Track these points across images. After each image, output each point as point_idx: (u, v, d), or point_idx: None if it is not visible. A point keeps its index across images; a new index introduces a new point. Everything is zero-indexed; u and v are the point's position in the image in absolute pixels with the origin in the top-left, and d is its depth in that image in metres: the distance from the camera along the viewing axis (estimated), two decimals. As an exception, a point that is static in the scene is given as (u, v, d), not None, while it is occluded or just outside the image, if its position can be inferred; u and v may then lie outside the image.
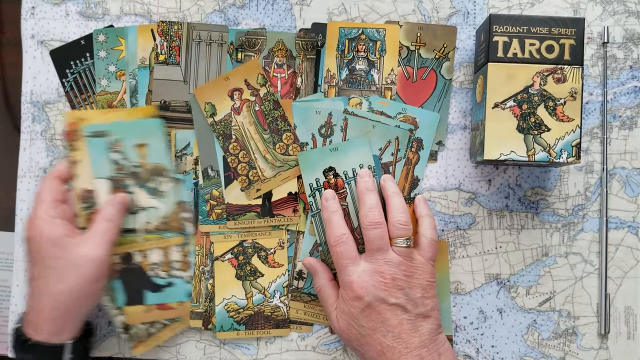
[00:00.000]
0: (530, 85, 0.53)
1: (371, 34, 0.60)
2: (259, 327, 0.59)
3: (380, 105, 0.59)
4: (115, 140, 0.57)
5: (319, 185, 0.57)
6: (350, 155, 0.57)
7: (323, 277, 0.56)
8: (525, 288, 0.60)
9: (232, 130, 0.59)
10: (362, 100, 0.59)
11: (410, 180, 0.59)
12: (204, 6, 0.61)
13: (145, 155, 0.58)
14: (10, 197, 0.61)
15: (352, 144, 0.58)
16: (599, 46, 0.60)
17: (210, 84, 0.60)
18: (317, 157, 0.58)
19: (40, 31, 0.61)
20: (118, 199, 0.56)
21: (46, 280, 0.51)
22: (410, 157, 0.59)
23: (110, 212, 0.55)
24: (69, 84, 0.61)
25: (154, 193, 0.58)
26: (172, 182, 0.58)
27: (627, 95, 0.60)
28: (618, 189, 0.60)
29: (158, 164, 0.58)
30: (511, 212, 0.60)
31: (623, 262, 0.60)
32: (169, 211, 0.58)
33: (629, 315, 0.59)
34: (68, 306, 0.51)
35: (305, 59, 0.60)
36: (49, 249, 0.51)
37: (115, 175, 0.57)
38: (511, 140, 0.53)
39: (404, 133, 0.58)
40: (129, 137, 0.57)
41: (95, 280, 0.52)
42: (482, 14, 0.61)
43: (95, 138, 0.57)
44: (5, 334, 0.61)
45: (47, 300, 0.51)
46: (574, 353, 0.59)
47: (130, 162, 0.57)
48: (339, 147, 0.57)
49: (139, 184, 0.57)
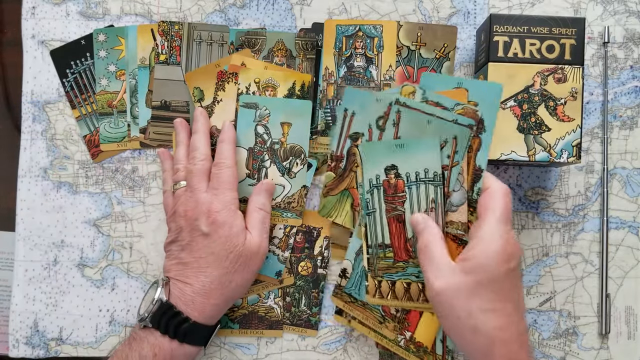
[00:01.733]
0: (531, 85, 0.53)
1: (368, 30, 0.60)
2: (253, 327, 0.59)
3: (436, 95, 0.52)
4: (264, 114, 0.57)
5: (379, 183, 0.53)
6: (416, 157, 0.52)
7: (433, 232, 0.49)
8: (526, 288, 0.60)
9: None
10: (415, 88, 0.53)
11: (471, 172, 0.51)
12: (205, 6, 0.61)
13: (287, 134, 0.58)
14: (11, 197, 0.61)
15: (420, 143, 0.52)
16: (599, 46, 0.60)
17: (200, 69, 0.59)
18: (382, 151, 0.53)
19: (41, 31, 0.61)
20: (265, 186, 0.57)
21: (230, 278, 0.53)
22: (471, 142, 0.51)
23: (261, 202, 0.56)
24: (69, 84, 0.61)
25: (286, 172, 0.58)
26: (304, 165, 0.58)
27: (627, 95, 0.60)
28: (618, 189, 0.60)
29: (297, 144, 0.58)
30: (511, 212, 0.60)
31: (623, 262, 0.60)
32: (294, 192, 0.58)
33: (629, 315, 0.59)
34: (235, 297, 0.55)
35: (305, 58, 0.60)
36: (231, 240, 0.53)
37: (255, 147, 0.57)
38: (512, 140, 0.53)
39: (463, 131, 0.51)
40: (278, 114, 0.57)
41: (257, 270, 0.55)
42: (483, 14, 0.60)
43: (247, 109, 0.57)
44: (6, 334, 0.61)
45: (222, 292, 0.53)
46: (575, 353, 0.59)
47: (273, 139, 0.57)
48: (405, 144, 0.52)
49: (274, 161, 0.57)
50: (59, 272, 0.60)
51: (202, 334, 0.54)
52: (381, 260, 0.54)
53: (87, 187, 0.61)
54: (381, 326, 0.56)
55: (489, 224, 0.46)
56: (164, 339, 0.52)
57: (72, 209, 0.60)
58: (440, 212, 0.51)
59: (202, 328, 0.53)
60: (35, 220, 0.60)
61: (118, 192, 0.60)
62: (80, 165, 0.61)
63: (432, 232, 0.49)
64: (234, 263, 0.53)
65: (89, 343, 0.60)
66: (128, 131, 0.60)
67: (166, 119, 0.60)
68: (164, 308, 0.52)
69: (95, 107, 0.61)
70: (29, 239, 0.60)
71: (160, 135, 0.60)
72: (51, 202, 0.60)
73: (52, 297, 0.60)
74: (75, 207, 0.60)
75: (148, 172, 0.60)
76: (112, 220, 0.60)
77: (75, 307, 0.60)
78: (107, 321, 0.60)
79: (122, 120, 0.61)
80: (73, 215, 0.60)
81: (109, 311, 0.60)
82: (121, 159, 0.61)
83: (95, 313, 0.60)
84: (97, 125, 0.61)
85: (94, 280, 0.60)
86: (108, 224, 0.61)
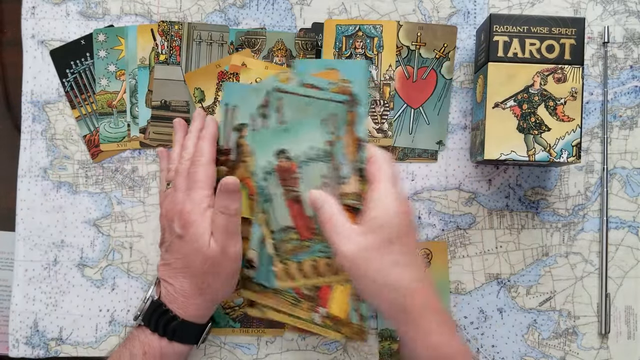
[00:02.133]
0: (531, 85, 0.53)
1: (368, 30, 0.60)
2: (254, 326, 0.59)
3: (311, 78, 0.54)
4: None
5: (272, 168, 0.54)
6: (302, 138, 0.53)
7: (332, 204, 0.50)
8: (526, 288, 0.60)
9: None
10: (291, 74, 0.55)
11: (354, 144, 0.53)
12: (204, 6, 0.61)
13: None
14: (11, 197, 0.61)
15: (303, 124, 0.54)
16: (599, 46, 0.60)
17: (201, 70, 0.59)
18: (269, 137, 0.54)
19: (41, 31, 0.61)
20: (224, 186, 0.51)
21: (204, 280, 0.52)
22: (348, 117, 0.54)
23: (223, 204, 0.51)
24: (69, 84, 0.61)
25: None
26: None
27: (627, 95, 0.60)
28: (618, 189, 0.60)
29: None
30: (511, 212, 0.60)
31: (623, 261, 0.60)
32: None
33: (629, 315, 0.59)
34: (217, 299, 0.54)
35: (305, 58, 0.60)
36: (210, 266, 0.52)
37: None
38: (511, 140, 0.53)
39: (339, 107, 0.53)
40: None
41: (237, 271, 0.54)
42: (483, 14, 0.60)
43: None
44: (6, 334, 0.61)
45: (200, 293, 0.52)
46: (574, 353, 0.59)
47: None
48: (290, 127, 0.54)
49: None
50: (59, 272, 0.60)
51: (192, 332, 0.54)
52: (287, 243, 0.55)
53: (87, 187, 0.61)
54: (296, 308, 0.56)
55: (383, 188, 0.49)
56: (154, 337, 0.52)
57: (72, 209, 0.60)
58: (332, 186, 0.53)
59: (191, 326, 0.53)
60: (35, 220, 0.60)
61: (118, 192, 0.60)
62: (80, 165, 0.61)
63: (331, 205, 0.50)
64: (202, 265, 0.52)
65: (89, 343, 0.60)
66: (128, 131, 0.60)
67: (166, 119, 0.60)
68: (154, 306, 0.53)
69: (95, 107, 0.61)
70: (29, 239, 0.60)
71: (160, 135, 0.60)
72: (51, 202, 0.60)
73: (52, 297, 0.60)
74: (75, 207, 0.60)
75: (148, 172, 0.60)
76: (112, 220, 0.60)
77: (75, 307, 0.60)
78: (107, 321, 0.60)
79: (122, 120, 0.61)
80: (73, 215, 0.60)
81: (109, 311, 0.60)
82: (121, 159, 0.61)
83: (95, 313, 0.60)
84: (97, 125, 0.61)
85: (94, 280, 0.60)
86: (108, 224, 0.61)
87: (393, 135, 0.60)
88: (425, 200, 0.60)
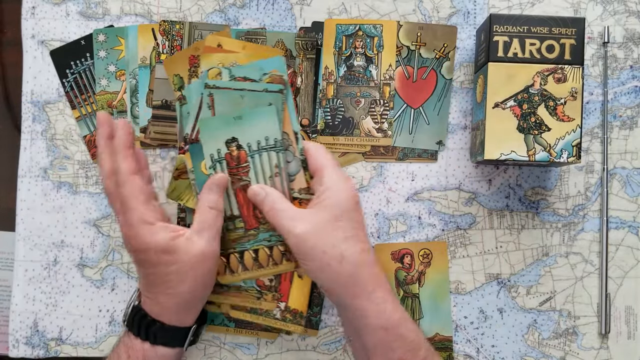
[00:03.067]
0: (531, 85, 0.53)
1: (368, 30, 0.60)
2: (248, 327, 0.59)
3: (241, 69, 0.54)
4: None
5: (221, 157, 0.53)
6: (255, 126, 0.53)
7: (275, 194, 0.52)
8: (526, 288, 0.60)
9: None
10: (220, 69, 0.54)
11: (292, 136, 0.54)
12: (204, 6, 0.61)
13: None
14: (11, 197, 0.61)
15: (257, 113, 0.53)
16: (599, 46, 0.60)
17: (178, 54, 0.58)
18: (220, 125, 0.53)
19: (41, 31, 0.61)
20: (216, 180, 0.52)
21: (166, 285, 0.50)
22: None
23: (213, 199, 0.52)
24: (69, 84, 0.61)
25: None
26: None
27: (627, 95, 0.60)
28: (618, 189, 0.60)
29: None
30: (511, 212, 0.60)
31: (623, 261, 0.60)
32: None
33: (629, 315, 0.59)
34: (190, 302, 0.52)
35: (305, 58, 0.60)
36: (161, 258, 0.49)
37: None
38: (511, 140, 0.53)
39: (276, 97, 0.53)
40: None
41: (213, 271, 0.52)
42: (483, 14, 0.61)
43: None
44: (6, 334, 0.61)
45: (170, 299, 0.51)
46: (575, 353, 0.59)
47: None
48: (243, 115, 0.53)
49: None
50: (59, 272, 0.60)
51: (175, 336, 0.53)
52: (232, 233, 0.54)
53: (87, 187, 0.61)
54: (260, 301, 0.56)
55: (329, 174, 0.52)
56: (137, 341, 0.51)
57: (72, 209, 0.60)
58: (284, 176, 0.54)
59: (172, 330, 0.52)
60: (35, 220, 0.60)
61: (118, 192, 0.60)
62: (80, 166, 0.61)
63: (273, 195, 0.52)
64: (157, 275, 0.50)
65: (89, 343, 0.60)
66: (128, 131, 0.60)
67: (167, 119, 0.60)
68: (136, 310, 0.52)
69: (95, 107, 0.61)
70: (29, 239, 0.60)
71: (160, 134, 0.60)
72: (51, 202, 0.60)
73: (52, 297, 0.60)
74: (75, 207, 0.60)
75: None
76: (112, 220, 0.60)
77: (75, 307, 0.60)
78: (107, 321, 0.60)
79: (122, 120, 0.61)
80: (73, 215, 0.60)
81: (108, 311, 0.60)
82: (121, 159, 0.61)
83: (95, 313, 0.60)
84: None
85: (94, 281, 0.60)
86: (108, 224, 0.61)
87: (393, 135, 0.60)
88: (425, 200, 0.60)
